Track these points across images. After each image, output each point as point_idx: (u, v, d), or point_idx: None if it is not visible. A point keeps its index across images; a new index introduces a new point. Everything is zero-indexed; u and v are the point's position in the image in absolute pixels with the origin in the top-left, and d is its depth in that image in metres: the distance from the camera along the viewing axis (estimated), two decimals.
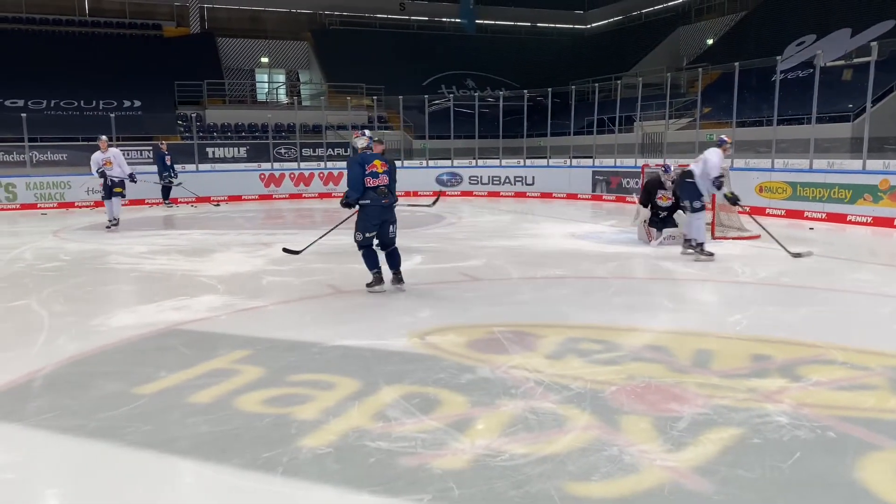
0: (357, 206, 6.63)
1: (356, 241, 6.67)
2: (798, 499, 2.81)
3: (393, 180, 6.70)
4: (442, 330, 5.38)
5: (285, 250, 9.15)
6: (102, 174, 12.99)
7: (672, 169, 9.83)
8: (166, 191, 18.42)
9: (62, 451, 3.37)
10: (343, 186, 10.24)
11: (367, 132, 6.65)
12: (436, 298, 6.66)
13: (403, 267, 8.32)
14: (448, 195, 20.63)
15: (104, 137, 13.77)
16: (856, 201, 12.14)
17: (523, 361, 4.56)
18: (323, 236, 9.66)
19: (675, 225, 9.90)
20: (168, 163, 18.23)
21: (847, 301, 6.43)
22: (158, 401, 3.95)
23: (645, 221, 10.17)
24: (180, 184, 18.42)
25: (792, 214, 12.94)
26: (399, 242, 7.01)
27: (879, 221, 11.73)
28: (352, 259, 8.89)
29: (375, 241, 6.79)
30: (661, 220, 9.98)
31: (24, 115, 18.92)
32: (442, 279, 7.63)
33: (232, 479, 3.05)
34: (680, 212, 9.61)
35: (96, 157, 13.11)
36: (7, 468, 3.18)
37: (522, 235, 11.49)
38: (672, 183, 9.67)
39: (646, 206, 10.12)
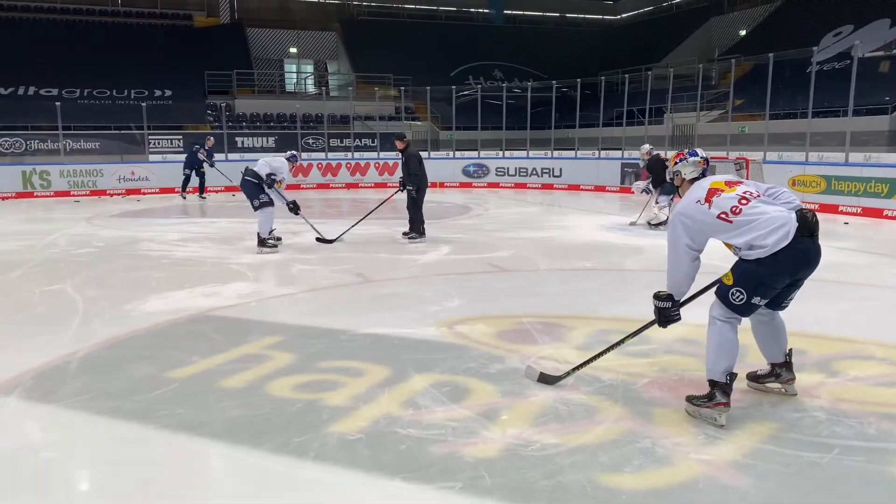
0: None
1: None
2: (836, 496, 2.75)
3: None
4: (471, 320, 5.36)
5: (318, 240, 9.21)
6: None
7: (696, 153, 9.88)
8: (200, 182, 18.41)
9: (98, 431, 3.42)
10: (369, 177, 9.94)
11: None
12: (464, 288, 6.65)
13: (429, 257, 8.35)
14: (446, 187, 20.62)
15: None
16: (893, 195, 11.87)
17: (553, 352, 4.53)
18: (354, 225, 9.71)
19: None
20: (202, 156, 18.19)
21: (885, 297, 6.29)
22: (191, 385, 3.99)
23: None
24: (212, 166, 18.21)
25: (826, 209, 12.67)
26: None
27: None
28: (379, 248, 8.95)
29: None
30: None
31: (58, 104, 19.19)
32: (470, 269, 7.61)
33: (264, 462, 3.07)
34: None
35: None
36: (46, 447, 3.24)
37: (550, 227, 11.42)
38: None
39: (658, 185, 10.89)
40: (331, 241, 9.30)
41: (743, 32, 27.72)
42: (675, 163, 3.82)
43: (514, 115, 22.33)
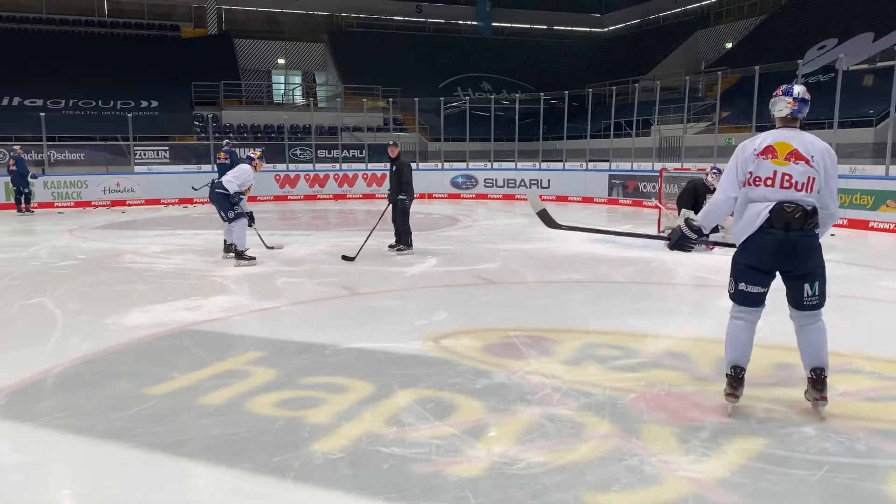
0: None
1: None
2: None
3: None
4: (457, 333, 5.29)
5: (344, 258, 8.76)
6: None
7: (720, 171, 9.43)
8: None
9: (72, 451, 3.32)
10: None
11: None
12: (451, 301, 6.58)
13: (417, 270, 8.29)
14: (435, 198, 20.62)
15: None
16: (878, 208, 11.94)
17: (540, 367, 4.46)
18: (367, 239, 9.38)
19: (716, 230, 9.55)
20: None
21: (873, 309, 6.29)
22: (170, 402, 3.89)
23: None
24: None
25: None
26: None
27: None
28: (366, 261, 8.87)
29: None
30: None
31: (42, 114, 19.05)
32: (457, 282, 7.55)
33: (243, 482, 2.98)
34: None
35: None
36: (17, 468, 3.14)
37: (540, 239, 11.37)
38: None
39: (689, 208, 9.70)
40: (352, 259, 8.89)
41: (729, 45, 27.97)
42: (774, 97, 3.63)
43: (502, 126, 22.37)
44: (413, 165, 9.98)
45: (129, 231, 12.95)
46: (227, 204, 8.45)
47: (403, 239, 9.58)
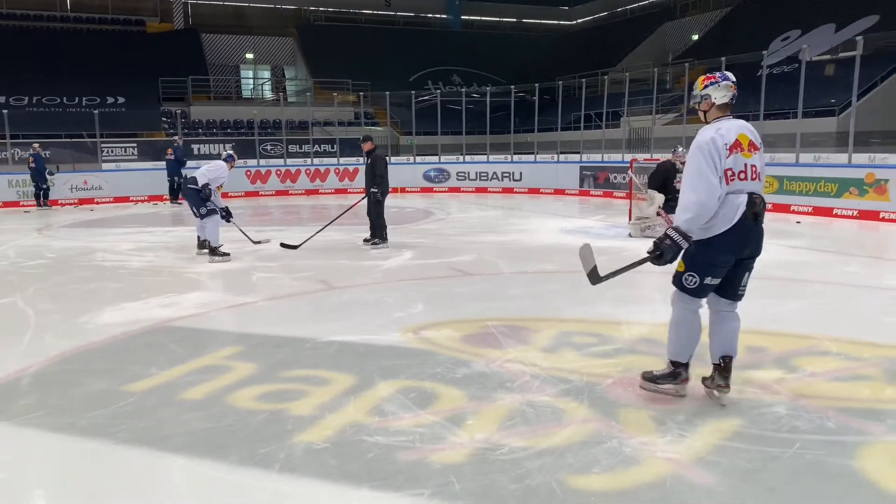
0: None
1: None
2: (800, 489, 2.80)
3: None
4: (436, 325, 5.34)
5: (283, 245, 9.11)
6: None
7: (681, 150, 9.61)
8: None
9: (53, 449, 3.30)
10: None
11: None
12: (428, 293, 6.62)
13: (392, 263, 8.33)
14: (407, 192, 20.66)
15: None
16: (842, 195, 12.23)
17: (519, 355, 4.53)
18: (319, 231, 9.62)
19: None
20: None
21: (838, 293, 6.46)
22: (150, 398, 3.88)
23: (660, 207, 9.95)
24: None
25: (779, 208, 13.00)
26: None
27: (865, 215, 11.83)
28: (341, 255, 8.88)
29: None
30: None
31: (5, 111, 18.65)
32: (433, 274, 7.59)
33: (228, 475, 2.99)
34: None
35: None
36: (1, 468, 3.12)
37: (512, 231, 11.47)
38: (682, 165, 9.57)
39: (661, 191, 9.75)
40: (295, 247, 9.20)
41: (695, 37, 28.31)
42: (705, 86, 3.52)
43: (473, 119, 22.42)
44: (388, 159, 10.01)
45: (99, 229, 12.76)
46: (199, 200, 8.39)
47: (378, 233, 9.60)
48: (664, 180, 9.70)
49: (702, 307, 3.61)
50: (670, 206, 9.75)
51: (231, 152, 9.21)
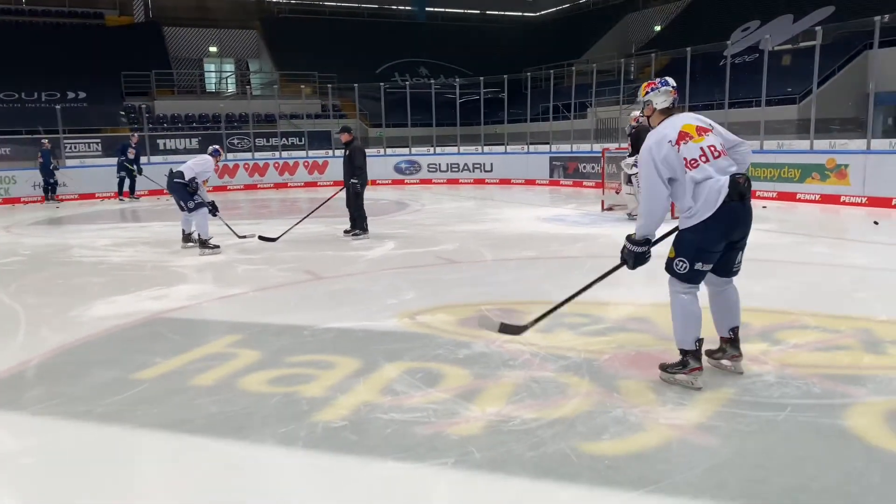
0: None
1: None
2: (796, 446, 3.00)
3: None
4: (430, 310, 5.46)
5: (261, 238, 9.13)
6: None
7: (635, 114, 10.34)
8: (130, 184, 18.08)
9: (74, 435, 3.35)
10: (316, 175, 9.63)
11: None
12: (417, 281, 6.74)
13: (376, 253, 8.42)
14: (378, 184, 20.72)
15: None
16: (804, 180, 12.65)
17: (516, 336, 4.67)
18: (297, 224, 9.68)
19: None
20: (132, 156, 17.83)
21: (808, 272, 6.76)
22: (160, 385, 3.94)
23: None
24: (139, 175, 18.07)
25: None
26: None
27: (827, 199, 12.26)
28: (323, 246, 8.94)
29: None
30: None
31: None
32: (419, 263, 7.71)
33: (254, 453, 3.09)
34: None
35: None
36: (24, 454, 3.16)
37: (489, 220, 11.63)
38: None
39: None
40: (274, 240, 9.24)
41: (658, 28, 28.81)
42: (646, 92, 3.72)
43: (442, 111, 22.51)
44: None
45: (70, 226, 12.59)
46: (187, 194, 8.37)
47: (359, 224, 9.67)
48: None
49: (698, 290, 3.67)
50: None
51: (217, 147, 9.20)
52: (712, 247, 3.52)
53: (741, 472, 2.79)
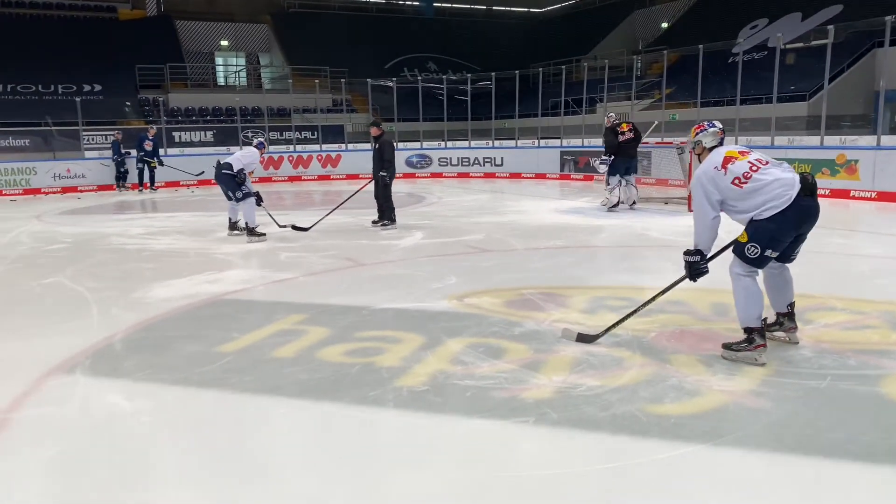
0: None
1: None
2: (839, 409, 3.35)
3: None
4: (475, 293, 5.80)
5: (294, 227, 9.45)
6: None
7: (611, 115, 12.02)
8: (149, 175, 18.43)
9: (180, 398, 3.68)
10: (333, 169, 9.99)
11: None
12: (455, 268, 7.06)
13: (408, 242, 8.73)
14: (418, 177, 20.99)
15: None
16: (815, 175, 12.95)
17: (563, 316, 5.02)
18: (328, 214, 9.99)
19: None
20: (149, 148, 18.18)
21: (828, 261, 7.08)
22: (245, 357, 4.27)
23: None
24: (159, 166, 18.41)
25: None
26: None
27: (836, 193, 12.59)
28: (355, 236, 9.26)
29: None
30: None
31: None
32: (452, 251, 8.04)
33: (351, 413, 3.43)
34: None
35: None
36: (142, 413, 3.49)
37: (509, 212, 11.95)
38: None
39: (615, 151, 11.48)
40: (306, 229, 9.56)
41: (665, 25, 29.09)
42: (696, 133, 4.29)
43: (453, 106, 22.80)
44: (367, 146, 10.28)
45: (97, 216, 12.88)
46: (234, 184, 8.71)
47: (387, 214, 9.99)
48: (615, 146, 11.39)
49: (758, 274, 4.06)
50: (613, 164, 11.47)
51: (262, 140, 9.54)
52: (784, 237, 3.91)
53: (794, 430, 3.13)
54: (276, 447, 3.15)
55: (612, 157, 11.38)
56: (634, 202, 11.71)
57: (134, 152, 18.44)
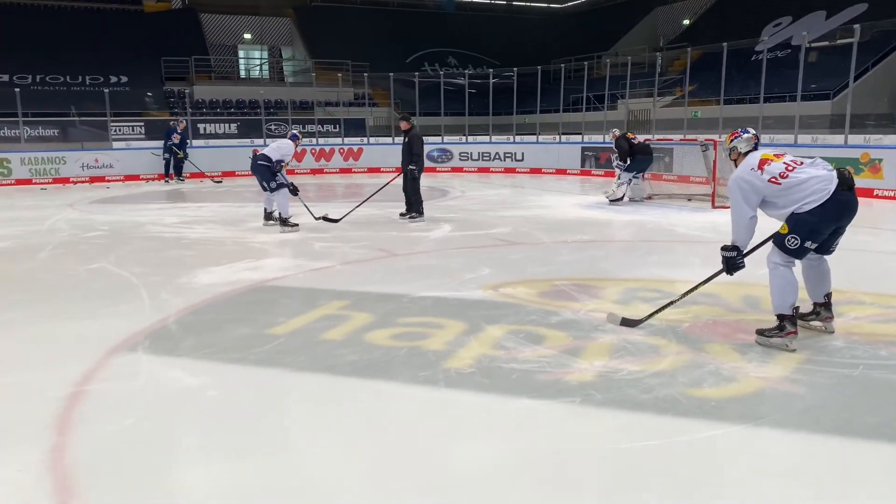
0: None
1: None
2: (873, 395, 3.49)
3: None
4: (510, 284, 5.97)
5: (325, 218, 9.66)
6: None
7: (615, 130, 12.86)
8: (175, 166, 18.77)
9: (241, 376, 3.88)
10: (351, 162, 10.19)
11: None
12: (487, 259, 7.23)
13: (437, 234, 8.90)
14: (438, 171, 21.17)
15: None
16: None
17: (597, 306, 5.18)
18: (358, 206, 10.19)
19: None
20: (176, 140, 18.50)
21: (855, 258, 7.14)
22: (296, 339, 4.47)
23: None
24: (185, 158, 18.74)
25: None
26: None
27: (860, 192, 12.36)
28: (384, 228, 9.45)
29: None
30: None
31: (17, 90, 18.83)
32: (481, 244, 8.21)
33: (404, 391, 3.62)
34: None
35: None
36: (207, 388, 3.70)
37: (533, 206, 12.10)
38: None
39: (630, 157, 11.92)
40: (336, 221, 9.76)
41: (687, 22, 29.03)
42: (732, 140, 4.50)
43: (474, 100, 22.94)
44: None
45: (129, 205, 13.16)
46: (270, 174, 8.93)
47: (415, 207, 10.18)
48: (629, 150, 11.84)
49: (795, 265, 4.24)
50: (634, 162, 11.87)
51: (296, 132, 9.76)
52: (824, 229, 4.09)
53: (831, 413, 3.29)
54: (340, 420, 3.33)
55: (629, 160, 11.83)
56: (649, 196, 12.24)
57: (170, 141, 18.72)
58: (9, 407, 3.48)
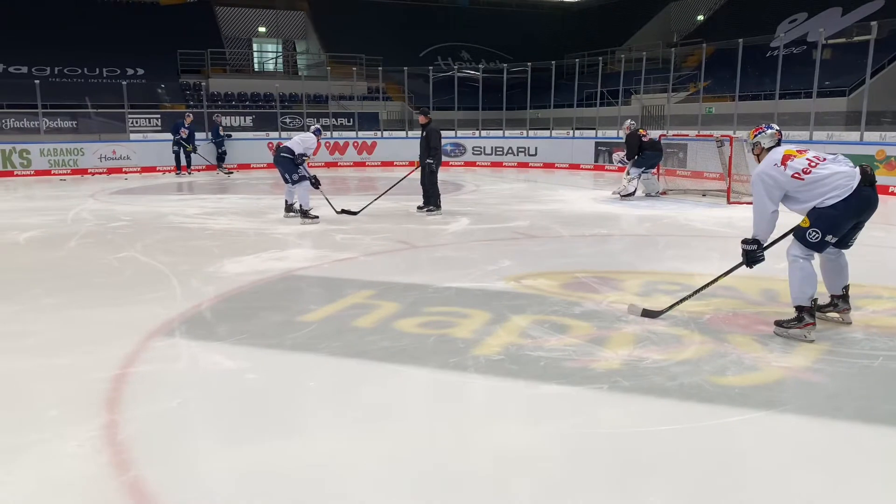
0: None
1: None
2: (892, 383, 3.60)
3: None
4: (531, 275, 6.08)
5: (344, 211, 9.80)
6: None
7: (629, 122, 12.87)
8: (186, 159, 18.94)
9: (278, 360, 4.02)
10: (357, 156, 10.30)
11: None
12: (507, 251, 7.35)
13: (455, 227, 9.01)
14: (451, 165, 21.26)
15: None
16: None
17: (619, 298, 5.29)
18: (376, 199, 10.33)
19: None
20: (184, 135, 18.62)
21: (872, 253, 7.20)
22: (328, 326, 4.61)
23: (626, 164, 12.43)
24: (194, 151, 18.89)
25: None
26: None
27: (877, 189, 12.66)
28: (402, 220, 9.58)
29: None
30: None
31: (37, 81, 19.04)
32: (500, 237, 8.32)
33: (437, 377, 3.75)
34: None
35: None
36: (247, 371, 3.84)
37: (549, 201, 12.20)
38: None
39: (637, 155, 12.12)
40: (355, 213, 9.90)
41: (701, 18, 28.96)
42: (755, 135, 4.59)
43: (487, 95, 23.01)
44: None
45: (149, 196, 13.35)
46: (292, 167, 9.08)
47: (433, 200, 10.30)
48: (638, 146, 11.99)
49: (814, 258, 4.35)
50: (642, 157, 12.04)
51: (318, 126, 9.91)
52: (844, 223, 4.20)
53: (851, 402, 3.39)
54: (376, 402, 3.46)
55: (637, 156, 12.02)
56: (661, 192, 12.38)
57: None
58: (62, 385, 3.63)
